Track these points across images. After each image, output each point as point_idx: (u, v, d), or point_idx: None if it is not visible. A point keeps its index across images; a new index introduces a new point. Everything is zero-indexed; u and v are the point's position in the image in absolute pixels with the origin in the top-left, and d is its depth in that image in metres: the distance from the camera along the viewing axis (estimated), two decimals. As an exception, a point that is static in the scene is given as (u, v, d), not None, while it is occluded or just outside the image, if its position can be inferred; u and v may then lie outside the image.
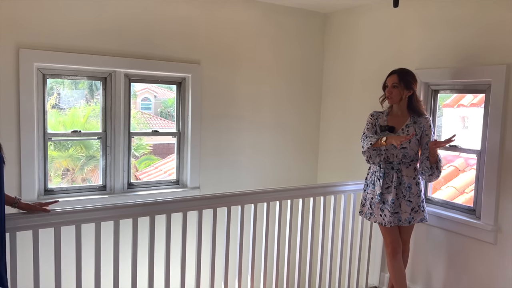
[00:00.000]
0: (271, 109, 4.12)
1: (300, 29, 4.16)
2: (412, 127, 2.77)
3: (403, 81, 2.75)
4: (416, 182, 2.77)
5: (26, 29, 2.98)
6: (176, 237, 2.62)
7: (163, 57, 3.49)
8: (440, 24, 3.15)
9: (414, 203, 2.77)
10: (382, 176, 2.79)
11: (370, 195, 2.88)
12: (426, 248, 3.23)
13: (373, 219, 2.88)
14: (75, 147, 5.00)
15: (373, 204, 2.84)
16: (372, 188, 2.86)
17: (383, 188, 2.79)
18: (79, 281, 2.30)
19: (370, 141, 2.72)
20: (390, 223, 2.76)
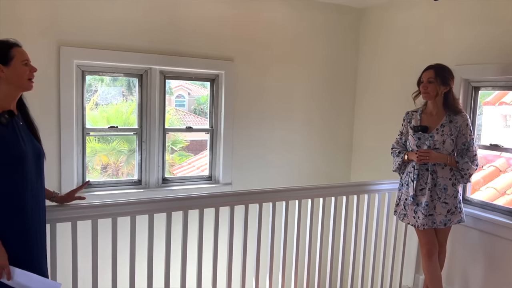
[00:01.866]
0: (304, 106, 4.08)
1: (334, 25, 4.10)
2: (448, 127, 2.67)
3: (440, 77, 2.65)
4: (452, 183, 2.68)
5: (67, 27, 3.08)
6: (208, 232, 2.65)
7: (197, 54, 3.53)
8: (481, 18, 3.02)
9: (451, 205, 2.67)
10: (415, 177, 2.71)
11: (404, 195, 2.81)
12: (463, 251, 3.13)
13: (406, 220, 2.81)
14: (118, 141, 5.16)
15: (407, 205, 2.77)
16: (406, 188, 2.79)
17: (416, 190, 2.71)
18: (114, 272, 2.36)
19: (398, 161, 2.83)
20: (424, 226, 2.68)
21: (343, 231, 3.05)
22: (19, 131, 1.80)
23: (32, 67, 1.81)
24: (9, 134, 1.75)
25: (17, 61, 1.75)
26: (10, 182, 1.74)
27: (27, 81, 1.79)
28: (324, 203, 2.95)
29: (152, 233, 2.43)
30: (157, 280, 2.51)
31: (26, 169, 1.79)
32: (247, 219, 2.71)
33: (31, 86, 1.82)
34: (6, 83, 1.75)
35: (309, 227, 2.93)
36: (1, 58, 1.73)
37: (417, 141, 2.72)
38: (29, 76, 1.80)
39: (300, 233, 2.91)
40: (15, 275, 1.71)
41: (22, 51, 1.80)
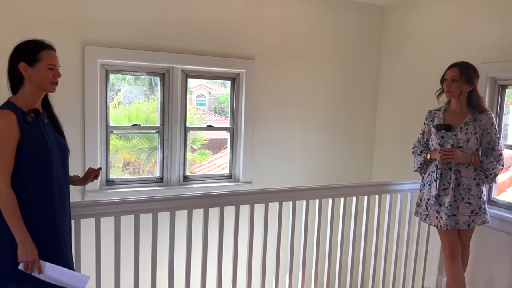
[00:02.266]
0: (325, 105, 4.06)
1: (356, 23, 4.06)
2: (472, 125, 2.60)
3: (464, 75, 2.59)
4: (476, 183, 2.61)
5: (91, 27, 3.14)
6: (228, 230, 2.66)
7: (218, 53, 3.55)
8: (508, 14, 2.94)
9: (474, 205, 2.61)
10: (438, 177, 2.65)
11: (426, 195, 2.76)
12: (488, 253, 3.05)
13: (428, 221, 2.75)
14: (139, 139, 5.25)
15: (429, 206, 2.72)
16: (428, 188, 2.74)
17: (439, 190, 2.66)
18: (136, 268, 2.39)
19: (419, 161, 2.78)
20: (447, 226, 2.62)
21: (364, 231, 3.01)
22: (44, 129, 1.85)
23: (57, 72, 1.84)
24: (35, 132, 1.79)
25: (43, 64, 1.78)
26: (38, 179, 1.79)
27: (49, 84, 1.82)
28: (345, 202, 2.93)
29: (174, 230, 2.46)
30: (177, 276, 2.53)
31: (52, 166, 1.84)
32: (267, 218, 2.71)
33: (53, 89, 1.85)
34: (30, 83, 1.79)
35: (329, 227, 2.91)
36: (28, 58, 1.77)
37: (440, 140, 2.66)
38: (52, 80, 1.82)
39: (320, 233, 2.89)
40: (45, 269, 1.77)
41: (51, 55, 1.83)
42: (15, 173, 1.73)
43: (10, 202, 1.70)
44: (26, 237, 1.72)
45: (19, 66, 1.76)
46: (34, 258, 1.73)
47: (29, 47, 1.79)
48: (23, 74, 1.76)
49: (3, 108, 1.74)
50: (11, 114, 1.72)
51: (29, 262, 1.73)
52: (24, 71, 1.76)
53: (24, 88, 1.79)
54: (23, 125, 1.74)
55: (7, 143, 1.70)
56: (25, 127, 1.75)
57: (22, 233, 1.72)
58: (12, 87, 1.82)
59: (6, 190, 1.70)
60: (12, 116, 1.72)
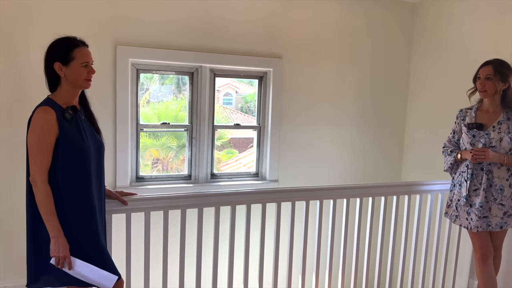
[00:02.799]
0: (354, 104, 4.02)
1: (386, 21, 4.01)
2: (505, 124, 2.52)
3: (499, 73, 2.51)
4: (509, 184, 2.53)
5: (123, 27, 3.22)
6: (255, 228, 2.68)
7: (246, 51, 3.57)
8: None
9: (507, 207, 2.53)
10: (469, 177, 2.58)
11: (456, 196, 2.69)
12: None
13: (458, 222, 2.69)
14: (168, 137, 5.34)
15: (459, 207, 2.65)
16: (458, 189, 2.67)
17: (470, 190, 2.59)
18: (165, 263, 2.44)
19: (450, 161, 2.72)
20: (477, 228, 2.55)
21: (392, 232, 2.97)
22: (82, 125, 1.88)
23: (91, 69, 1.86)
24: (73, 129, 1.82)
25: (77, 63, 1.81)
26: (74, 175, 1.82)
27: (83, 81, 1.84)
28: (374, 203, 2.89)
29: (201, 226, 2.49)
30: (205, 272, 2.57)
31: (89, 162, 1.87)
32: (293, 216, 2.71)
33: (88, 85, 1.88)
34: (66, 82, 1.82)
35: (357, 227, 2.88)
36: (62, 57, 1.80)
37: (472, 139, 2.59)
38: (86, 77, 1.84)
39: (347, 233, 2.87)
40: (75, 266, 1.81)
41: (85, 53, 1.85)
42: (52, 169, 1.76)
43: (46, 197, 1.73)
44: (59, 232, 1.76)
45: (54, 66, 1.79)
46: (65, 253, 1.76)
47: (62, 46, 1.82)
48: (59, 74, 1.80)
49: (43, 105, 1.78)
50: (51, 111, 1.75)
51: (60, 257, 1.76)
52: (59, 71, 1.80)
53: (62, 86, 1.83)
54: (62, 122, 1.77)
55: (46, 139, 1.74)
56: (63, 124, 1.78)
57: (55, 228, 1.75)
58: (50, 85, 1.86)
59: (43, 186, 1.73)
60: (52, 113, 1.75)
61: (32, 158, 1.74)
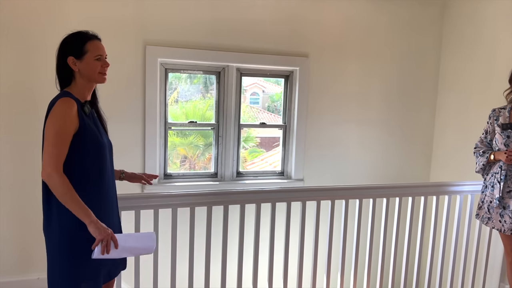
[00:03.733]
0: (381, 103, 3.97)
1: (414, 19, 3.94)
2: None
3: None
4: None
5: (152, 28, 3.29)
6: (280, 226, 2.69)
7: (272, 51, 3.58)
8: None
9: None
10: (503, 178, 2.51)
11: (488, 198, 2.62)
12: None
13: (491, 224, 2.61)
14: (195, 136, 5.43)
15: (492, 209, 2.58)
16: (491, 190, 2.60)
17: (503, 192, 2.52)
18: (191, 258, 2.48)
19: (482, 161, 2.65)
20: (511, 231, 2.48)
21: (420, 234, 2.92)
22: (95, 121, 1.86)
23: (105, 62, 1.81)
24: (92, 125, 1.80)
25: (90, 56, 1.76)
26: (91, 171, 1.77)
27: (98, 74, 1.80)
28: (401, 203, 2.85)
29: (227, 223, 2.52)
30: (230, 269, 2.60)
31: (105, 159, 1.84)
32: (319, 216, 2.71)
33: (103, 80, 1.83)
34: (80, 76, 1.78)
35: (383, 227, 2.85)
36: (75, 51, 1.75)
37: (506, 140, 2.52)
38: (100, 70, 1.80)
39: (373, 233, 2.84)
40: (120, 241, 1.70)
41: (98, 45, 1.80)
42: (68, 163, 1.69)
43: (67, 187, 1.63)
44: (92, 216, 1.66)
45: (68, 61, 1.75)
46: (108, 232, 1.66)
47: (75, 40, 1.77)
48: (72, 68, 1.76)
49: (63, 96, 1.72)
50: (73, 102, 1.71)
51: (106, 239, 1.65)
52: (73, 65, 1.75)
53: (76, 81, 1.79)
54: (82, 115, 1.74)
55: (66, 130, 1.68)
56: (83, 117, 1.74)
57: (88, 213, 1.65)
58: (62, 81, 1.81)
59: (60, 177, 1.64)
60: (74, 104, 1.71)
61: (49, 148, 1.65)
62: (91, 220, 1.65)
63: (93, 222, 1.65)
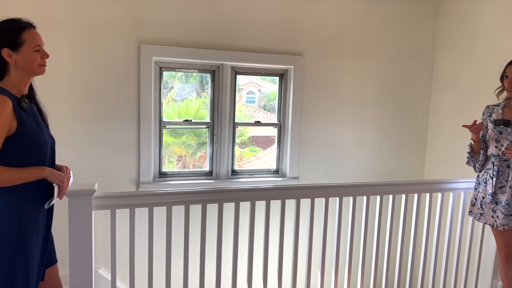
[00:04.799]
0: (375, 102, 3.99)
1: (409, 17, 3.96)
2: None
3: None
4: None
5: (147, 26, 3.29)
6: (275, 223, 2.70)
7: (267, 49, 3.59)
8: None
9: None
10: (495, 174, 2.54)
11: (481, 194, 2.64)
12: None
13: (483, 220, 2.64)
14: (188, 135, 5.44)
15: (484, 204, 2.61)
16: (484, 186, 2.62)
17: (496, 188, 2.54)
18: (186, 257, 2.49)
19: (467, 150, 2.70)
20: (503, 226, 2.50)
21: (413, 230, 2.94)
22: (34, 115, 1.74)
23: (44, 53, 1.69)
24: (31, 120, 1.68)
25: (28, 47, 1.63)
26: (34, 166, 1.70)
27: (38, 66, 1.67)
28: (394, 200, 2.87)
29: (221, 221, 2.53)
30: (224, 266, 2.61)
31: (46, 156, 1.76)
32: (313, 213, 2.72)
33: (43, 71, 1.70)
34: (16, 69, 1.64)
35: (377, 225, 2.87)
36: (10, 42, 1.60)
37: (498, 135, 2.55)
38: (40, 62, 1.67)
39: (367, 231, 2.86)
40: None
41: (35, 35, 1.66)
42: (8, 161, 1.60)
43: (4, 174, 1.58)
44: (41, 169, 1.68)
45: (2, 53, 1.60)
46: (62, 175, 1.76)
47: (8, 29, 1.62)
48: (7, 61, 1.62)
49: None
50: (7, 100, 1.57)
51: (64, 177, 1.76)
52: (8, 58, 1.61)
53: (11, 75, 1.65)
54: (19, 112, 1.62)
55: (0, 129, 1.55)
56: (21, 114, 1.62)
57: (36, 171, 1.66)
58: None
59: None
60: (9, 102, 1.57)
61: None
62: (41, 173, 1.68)
63: (46, 172, 1.70)
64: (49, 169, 1.71)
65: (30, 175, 1.65)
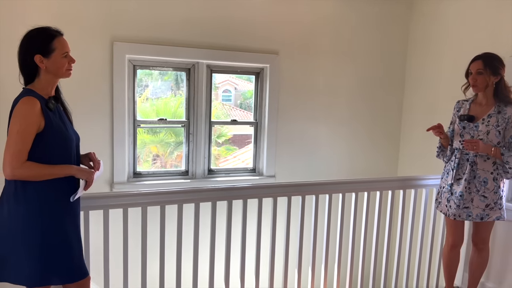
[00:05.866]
0: (350, 100, 4.04)
1: (382, 16, 4.02)
2: (495, 117, 2.53)
3: (489, 67, 2.52)
4: (493, 177, 2.54)
5: (120, 24, 3.23)
6: (252, 222, 2.70)
7: (242, 48, 3.58)
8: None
9: (490, 200, 2.54)
10: (455, 166, 2.64)
11: (443, 183, 2.75)
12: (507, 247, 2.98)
13: (439, 208, 2.76)
14: (165, 133, 5.38)
15: (442, 194, 2.72)
16: (446, 177, 2.74)
17: (454, 179, 2.64)
18: (162, 257, 2.46)
19: (437, 145, 2.79)
20: (454, 216, 2.61)
21: (388, 226, 3.00)
22: (61, 116, 1.87)
23: (71, 59, 1.83)
24: (57, 120, 1.82)
25: (58, 54, 1.78)
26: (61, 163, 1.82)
27: (66, 71, 1.83)
28: (369, 197, 2.92)
29: (198, 221, 2.51)
30: (202, 266, 2.59)
31: (72, 153, 1.87)
32: (290, 211, 2.74)
33: (69, 75, 1.85)
34: (46, 73, 1.78)
35: (352, 221, 2.91)
36: (43, 50, 1.76)
37: (462, 131, 2.64)
38: (67, 67, 1.83)
39: (343, 227, 2.89)
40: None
41: (63, 43, 1.81)
42: (36, 158, 1.74)
43: (35, 170, 1.72)
44: (70, 167, 1.82)
45: (35, 59, 1.75)
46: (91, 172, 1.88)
47: (40, 37, 1.77)
48: (39, 66, 1.77)
49: (26, 95, 1.74)
50: (36, 101, 1.73)
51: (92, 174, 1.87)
52: (40, 63, 1.76)
53: (41, 78, 1.79)
54: (47, 112, 1.76)
55: (27, 128, 1.70)
56: (49, 114, 1.76)
57: (65, 168, 1.80)
58: (27, 78, 1.82)
59: (22, 170, 1.70)
60: (37, 103, 1.73)
61: (10, 146, 1.70)
62: (71, 171, 1.81)
63: (75, 170, 1.83)
64: (77, 167, 1.85)
65: (59, 172, 1.79)
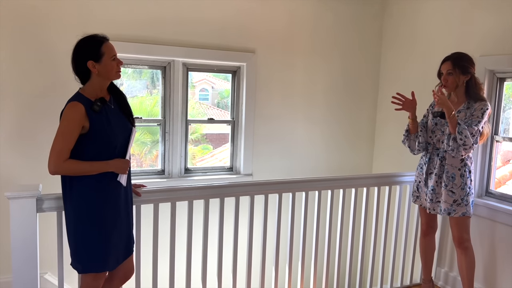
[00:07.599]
0: (326, 98, 4.08)
1: (357, 16, 4.08)
2: (464, 113, 2.62)
3: (458, 67, 2.60)
4: (461, 174, 2.62)
5: (93, 21, 3.17)
6: (229, 221, 2.70)
7: (219, 46, 3.57)
8: (508, 7, 2.95)
9: (457, 196, 2.61)
10: (427, 161, 2.75)
11: (418, 178, 2.85)
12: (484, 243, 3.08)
13: (418, 202, 2.87)
14: (141, 132, 5.32)
15: (420, 188, 2.82)
16: (420, 171, 2.83)
17: (427, 173, 2.75)
18: (138, 258, 2.44)
19: (405, 128, 2.84)
20: (429, 210, 2.74)
21: (363, 222, 3.05)
22: (110, 115, 1.99)
23: (119, 61, 1.98)
24: (103, 120, 1.94)
25: (107, 58, 1.92)
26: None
27: (115, 73, 1.98)
28: (344, 194, 2.96)
29: (174, 221, 2.50)
30: (178, 266, 2.58)
31: (115, 147, 1.99)
32: (267, 209, 2.75)
33: (119, 76, 2.01)
34: (97, 76, 1.94)
35: (328, 218, 2.95)
36: (93, 55, 1.90)
37: (434, 126, 2.73)
38: (117, 69, 1.98)
39: (319, 224, 2.93)
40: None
41: (110, 47, 1.95)
42: (81, 155, 1.89)
43: (74, 167, 1.87)
44: (107, 163, 1.94)
45: (88, 65, 1.90)
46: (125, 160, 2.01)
47: (91, 44, 1.92)
48: (92, 71, 1.92)
49: (73, 100, 1.90)
50: (80, 106, 1.87)
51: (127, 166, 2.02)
52: (93, 68, 1.91)
53: (92, 80, 1.95)
54: (91, 114, 1.90)
55: (70, 130, 1.86)
56: (93, 116, 1.90)
57: (103, 166, 1.93)
58: (81, 80, 1.98)
59: (64, 166, 1.86)
60: (81, 108, 1.87)
61: (54, 145, 1.85)
62: (110, 165, 1.95)
63: (110, 166, 1.95)
64: (113, 164, 1.96)
65: (98, 169, 1.93)
